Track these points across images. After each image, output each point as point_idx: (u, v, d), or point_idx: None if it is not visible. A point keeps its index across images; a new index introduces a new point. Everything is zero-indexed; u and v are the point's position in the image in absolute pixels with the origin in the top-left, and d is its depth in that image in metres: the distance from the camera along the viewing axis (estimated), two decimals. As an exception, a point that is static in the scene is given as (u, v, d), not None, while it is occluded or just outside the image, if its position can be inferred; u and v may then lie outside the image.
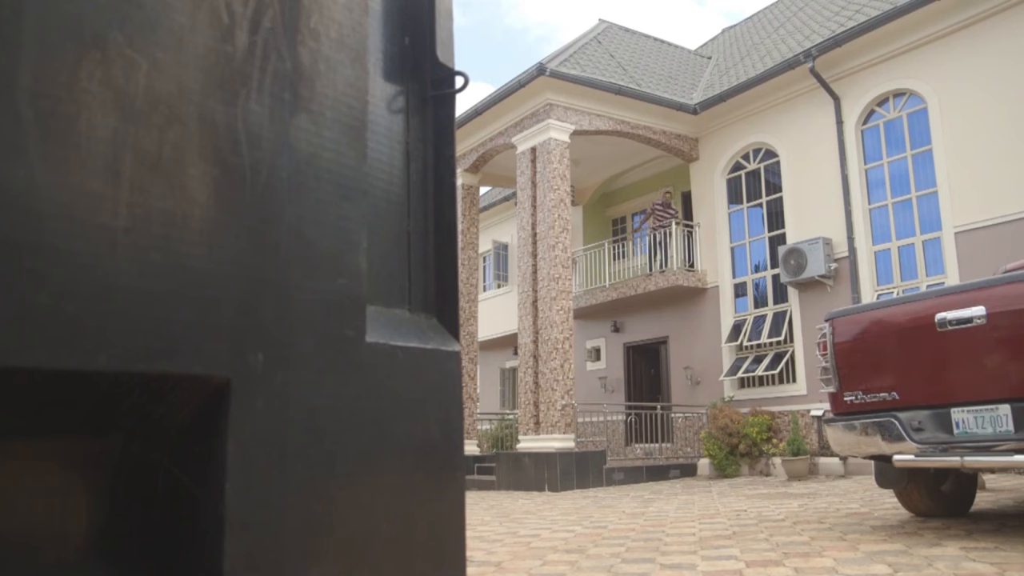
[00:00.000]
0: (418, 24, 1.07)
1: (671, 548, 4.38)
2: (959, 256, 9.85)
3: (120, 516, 0.70)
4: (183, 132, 0.68)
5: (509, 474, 11.25)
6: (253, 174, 0.73)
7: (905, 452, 4.29)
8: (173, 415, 0.70)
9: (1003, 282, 4.10)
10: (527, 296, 12.08)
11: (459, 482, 0.96)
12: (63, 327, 0.58)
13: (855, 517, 5.51)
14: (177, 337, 0.66)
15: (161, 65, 0.66)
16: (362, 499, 0.82)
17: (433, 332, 1.00)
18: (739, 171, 13.09)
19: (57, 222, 0.58)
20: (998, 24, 9.74)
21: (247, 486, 0.70)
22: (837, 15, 12.63)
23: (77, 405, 0.65)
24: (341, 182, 0.83)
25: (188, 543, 0.70)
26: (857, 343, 4.69)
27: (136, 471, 0.71)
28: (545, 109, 12.02)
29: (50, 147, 0.58)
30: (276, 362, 0.74)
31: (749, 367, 12.14)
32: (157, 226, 0.65)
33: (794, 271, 11.38)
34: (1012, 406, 3.89)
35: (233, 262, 0.71)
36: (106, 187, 0.61)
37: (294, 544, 0.74)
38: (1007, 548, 3.73)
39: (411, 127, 1.06)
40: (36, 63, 0.57)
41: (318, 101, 0.81)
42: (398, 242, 1.01)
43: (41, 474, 0.65)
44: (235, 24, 0.73)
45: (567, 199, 12.05)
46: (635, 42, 15.82)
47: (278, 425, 0.73)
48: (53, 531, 0.66)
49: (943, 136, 10.20)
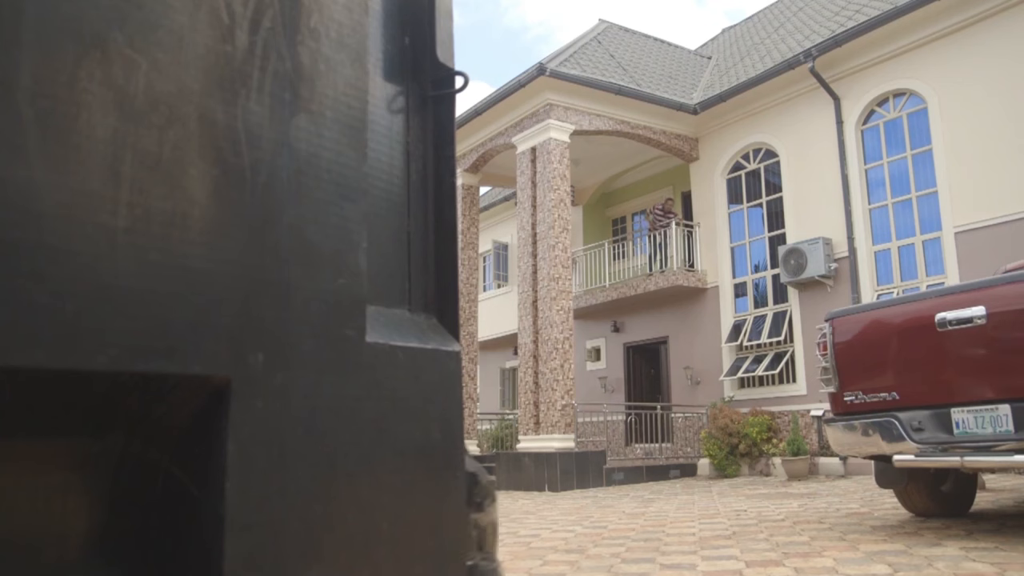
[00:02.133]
0: (418, 24, 1.07)
1: (671, 548, 4.37)
2: (959, 256, 9.85)
3: (120, 516, 0.70)
4: (183, 132, 0.68)
5: (509, 474, 11.25)
6: (253, 174, 0.73)
7: (905, 452, 4.29)
8: (173, 415, 0.70)
9: (1003, 282, 4.10)
10: (527, 296, 12.08)
11: (459, 482, 0.96)
12: (63, 327, 0.58)
13: (855, 517, 5.51)
14: (177, 337, 0.65)
15: (161, 65, 0.66)
16: (362, 499, 0.82)
17: (433, 332, 1.00)
18: (739, 171, 13.09)
19: (57, 222, 0.58)
20: (998, 24, 9.74)
21: (247, 486, 0.70)
22: (837, 15, 12.63)
23: (77, 405, 0.65)
24: (341, 182, 0.83)
25: (188, 543, 0.70)
26: (857, 343, 4.69)
27: (136, 471, 0.71)
28: (545, 109, 12.02)
29: (50, 147, 0.58)
30: (276, 362, 0.74)
31: (749, 367, 12.14)
32: (157, 226, 0.65)
33: (794, 271, 11.38)
34: (1012, 406, 3.89)
35: (233, 262, 0.71)
36: (106, 187, 0.61)
37: (294, 544, 0.74)
38: (1007, 548, 3.73)
39: (411, 127, 1.06)
40: (36, 63, 0.57)
41: (318, 101, 0.81)
42: (398, 242, 1.01)
43: (41, 474, 0.65)
44: (235, 24, 0.73)
45: (567, 199, 12.05)
46: (635, 42, 15.82)
47: (278, 425, 0.73)
48: (53, 531, 0.66)
49: (943, 136, 10.20)
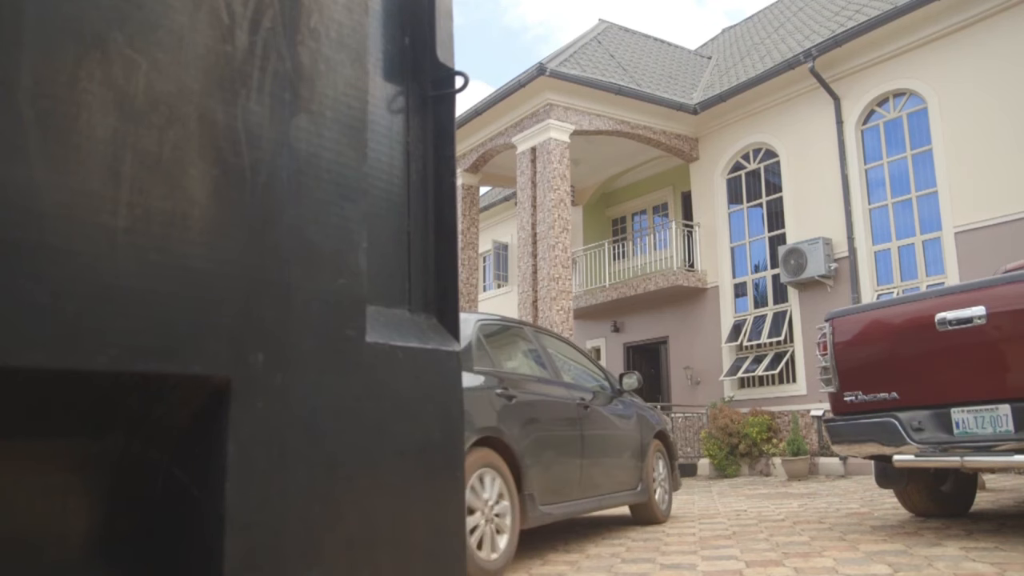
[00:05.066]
0: (418, 24, 1.07)
1: (671, 548, 4.38)
2: (959, 256, 9.85)
3: (120, 516, 0.70)
4: (183, 132, 0.67)
5: (509, 474, 11.24)
6: (253, 174, 0.73)
7: (905, 452, 4.29)
8: (173, 415, 0.70)
9: (1003, 282, 4.10)
10: (527, 296, 12.08)
11: (459, 482, 0.96)
12: (63, 327, 0.58)
13: (855, 517, 5.51)
14: (177, 337, 0.65)
15: (161, 65, 0.66)
16: (362, 499, 0.82)
17: (433, 332, 1.00)
18: (739, 171, 13.09)
19: (57, 222, 0.58)
20: (998, 24, 9.74)
21: (247, 486, 0.70)
22: (837, 15, 12.63)
23: (77, 405, 0.65)
24: (341, 182, 0.83)
25: (188, 543, 0.70)
26: (857, 343, 4.69)
27: (136, 471, 0.71)
28: (545, 109, 12.02)
29: (50, 147, 0.58)
30: (276, 362, 0.74)
31: (749, 367, 12.14)
32: (157, 226, 0.65)
33: (794, 271, 11.38)
34: (1012, 406, 3.89)
35: (233, 262, 0.71)
36: (106, 187, 0.61)
37: (294, 544, 0.74)
38: (1007, 548, 3.73)
39: (411, 127, 1.06)
40: (36, 63, 0.57)
41: (318, 101, 0.81)
42: (398, 242, 1.01)
43: (41, 474, 0.65)
44: (235, 24, 0.73)
45: (567, 199, 12.05)
46: (635, 42, 15.81)
47: (278, 425, 0.73)
48: (53, 531, 0.66)
49: (943, 136, 10.20)
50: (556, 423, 4.64)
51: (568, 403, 4.85)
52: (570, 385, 5.12)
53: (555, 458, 4.53)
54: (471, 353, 4.19)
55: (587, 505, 4.79)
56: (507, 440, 4.05)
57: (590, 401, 5.11)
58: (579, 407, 4.93)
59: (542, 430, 4.46)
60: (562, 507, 4.50)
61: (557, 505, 4.44)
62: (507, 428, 4.09)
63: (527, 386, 4.54)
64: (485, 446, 3.95)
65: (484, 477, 3.88)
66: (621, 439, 5.40)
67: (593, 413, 5.08)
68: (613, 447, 5.24)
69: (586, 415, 4.97)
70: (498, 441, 4.01)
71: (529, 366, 4.96)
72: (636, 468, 5.50)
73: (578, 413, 4.89)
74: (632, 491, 5.41)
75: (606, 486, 5.05)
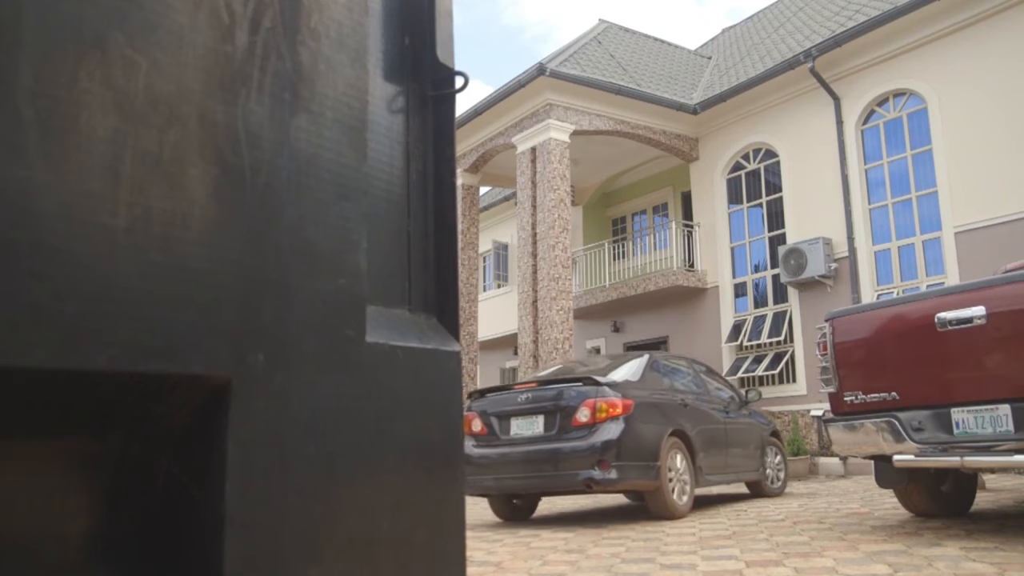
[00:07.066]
0: (418, 24, 1.07)
1: (671, 548, 4.38)
2: (959, 256, 9.85)
3: (120, 516, 0.70)
4: (183, 132, 0.68)
5: (509, 474, 11.25)
6: (253, 174, 0.73)
7: (905, 452, 4.29)
8: (173, 415, 0.70)
9: (1003, 282, 4.10)
10: (527, 296, 12.08)
11: (459, 482, 0.96)
12: (63, 327, 0.58)
13: (855, 517, 5.51)
14: (177, 337, 0.65)
15: (161, 65, 0.66)
16: (362, 499, 0.82)
17: (433, 332, 1.00)
18: (739, 171, 13.09)
19: (57, 222, 0.58)
20: (998, 24, 9.74)
21: (247, 486, 0.70)
22: (837, 15, 12.64)
23: (77, 405, 0.65)
24: (341, 182, 0.83)
25: (188, 543, 0.70)
26: (857, 343, 4.69)
27: (136, 471, 0.71)
28: (545, 109, 12.02)
29: (50, 147, 0.58)
30: (276, 362, 0.74)
31: (749, 367, 12.14)
32: (157, 226, 0.65)
33: (794, 271, 11.38)
34: (1012, 406, 3.88)
35: (233, 262, 0.71)
36: (106, 187, 0.61)
37: (294, 544, 0.74)
38: (1007, 548, 3.73)
39: (411, 127, 1.06)
40: (36, 63, 0.57)
41: (318, 101, 0.81)
42: (398, 242, 1.01)
43: (41, 474, 0.65)
44: (235, 24, 0.73)
45: (567, 199, 12.05)
46: (635, 42, 15.82)
47: (278, 425, 0.73)
48: (53, 531, 0.66)
49: (943, 136, 10.20)
50: (711, 422, 6.86)
51: (716, 409, 7.10)
52: (715, 397, 7.28)
53: (712, 445, 6.73)
54: (647, 376, 6.51)
55: (730, 478, 7.00)
56: (687, 431, 6.37)
57: (728, 408, 7.33)
58: (723, 412, 7.17)
59: (704, 426, 6.69)
60: (717, 477, 6.76)
61: (714, 476, 6.70)
62: (686, 424, 6.40)
63: (691, 398, 6.80)
64: (675, 436, 6.22)
65: (675, 455, 6.15)
66: (749, 435, 7.45)
67: (731, 416, 7.28)
68: (744, 440, 7.33)
69: (727, 417, 7.19)
70: (682, 432, 6.33)
71: (686, 385, 7.08)
72: (759, 457, 7.58)
73: (722, 416, 7.12)
74: (756, 472, 7.50)
75: (740, 467, 7.20)
